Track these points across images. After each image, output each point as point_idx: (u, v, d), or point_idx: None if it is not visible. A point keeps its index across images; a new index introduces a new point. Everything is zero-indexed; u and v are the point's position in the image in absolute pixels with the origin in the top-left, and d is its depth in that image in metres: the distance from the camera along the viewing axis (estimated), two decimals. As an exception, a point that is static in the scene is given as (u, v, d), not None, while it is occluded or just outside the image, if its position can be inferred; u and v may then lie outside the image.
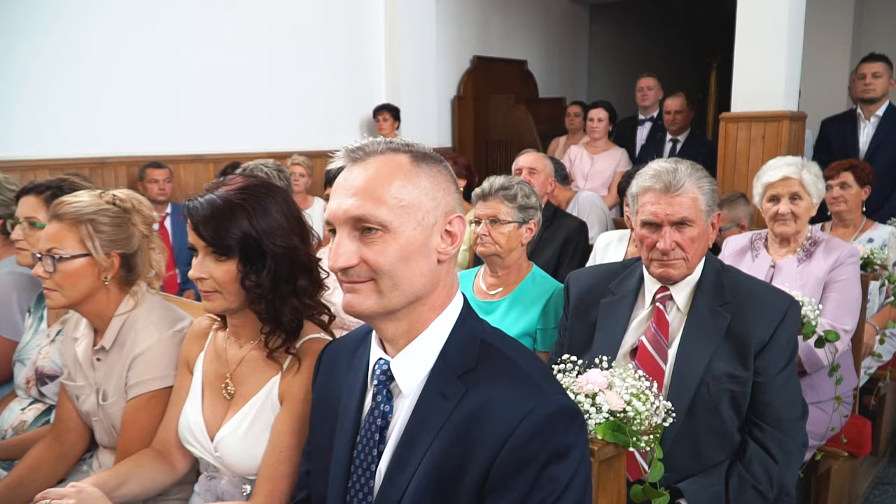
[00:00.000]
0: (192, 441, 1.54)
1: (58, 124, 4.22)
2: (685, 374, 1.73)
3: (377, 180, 1.06)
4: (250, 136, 5.12)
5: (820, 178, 2.56)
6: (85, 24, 4.27)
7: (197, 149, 4.85)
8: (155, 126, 4.64)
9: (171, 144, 4.70)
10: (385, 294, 1.06)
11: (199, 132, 4.87)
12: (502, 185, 2.28)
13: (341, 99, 5.80)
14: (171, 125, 4.72)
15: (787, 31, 4.00)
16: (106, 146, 4.44)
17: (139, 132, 4.57)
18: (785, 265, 2.56)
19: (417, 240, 1.06)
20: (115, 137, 4.46)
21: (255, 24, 5.15)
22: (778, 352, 1.71)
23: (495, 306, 2.26)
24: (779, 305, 1.74)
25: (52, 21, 4.14)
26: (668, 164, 1.77)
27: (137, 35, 4.50)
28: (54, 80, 4.17)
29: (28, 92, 4.08)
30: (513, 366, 1.07)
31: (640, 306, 1.88)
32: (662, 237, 1.74)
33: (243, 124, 5.10)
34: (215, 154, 4.92)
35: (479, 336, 1.12)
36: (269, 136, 5.24)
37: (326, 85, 5.65)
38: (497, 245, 2.24)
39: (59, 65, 4.19)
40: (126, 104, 4.47)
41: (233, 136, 5.04)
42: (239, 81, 5.07)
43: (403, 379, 1.11)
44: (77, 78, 4.26)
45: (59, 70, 4.19)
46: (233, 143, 5.02)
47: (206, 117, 4.89)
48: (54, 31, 4.15)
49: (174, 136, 4.73)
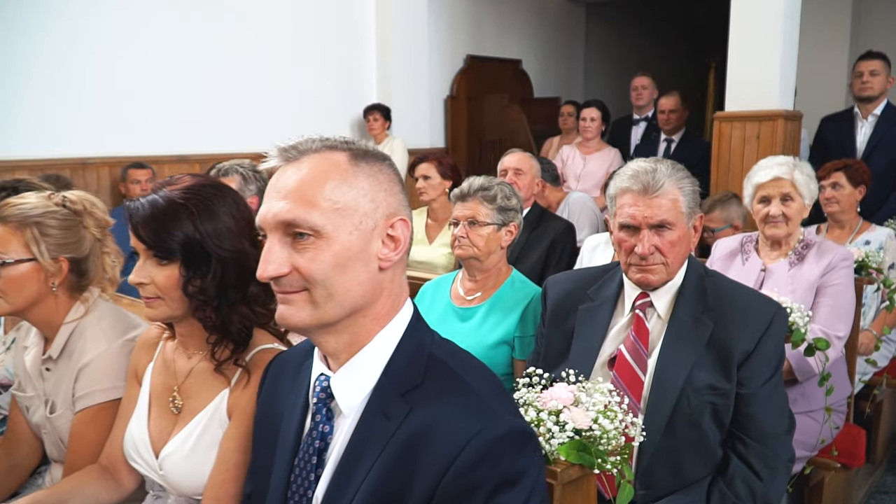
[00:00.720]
0: (137, 458, 1.45)
1: (38, 124, 4.14)
2: (665, 385, 1.63)
3: (309, 181, 0.97)
4: (236, 135, 5.02)
5: (812, 178, 2.46)
6: (66, 24, 4.19)
7: (182, 149, 4.77)
8: (138, 126, 4.56)
9: (155, 144, 4.62)
10: (320, 305, 0.97)
11: (184, 132, 4.78)
12: (481, 185, 2.19)
13: (331, 99, 5.72)
14: (155, 125, 4.64)
15: (783, 29, 3.91)
16: (88, 146, 4.36)
17: (122, 132, 4.49)
18: (776, 269, 2.46)
19: (354, 245, 0.97)
20: (96, 137, 4.38)
21: (242, 23, 5.07)
22: (763, 362, 1.62)
23: (472, 312, 2.17)
24: (764, 313, 1.64)
25: (30, 21, 4.06)
26: (647, 163, 1.68)
27: (119, 34, 4.42)
28: (34, 79, 4.10)
29: (6, 92, 4.00)
30: (461, 383, 0.98)
31: (620, 313, 1.79)
32: (641, 241, 1.65)
33: (229, 124, 5.02)
34: (201, 154, 4.83)
35: (427, 350, 1.03)
36: (256, 136, 5.12)
37: (316, 84, 5.57)
38: (475, 248, 2.15)
39: (40, 64, 4.11)
40: (108, 103, 4.39)
41: (218, 135, 4.95)
42: (225, 80, 4.98)
43: (344, 397, 1.02)
44: (58, 77, 4.19)
45: (40, 69, 4.11)
46: (219, 144, 4.93)
47: (190, 117, 4.80)
48: (34, 30, 4.07)
49: (158, 136, 4.64)
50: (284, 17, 5.34)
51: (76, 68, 4.25)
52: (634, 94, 5.45)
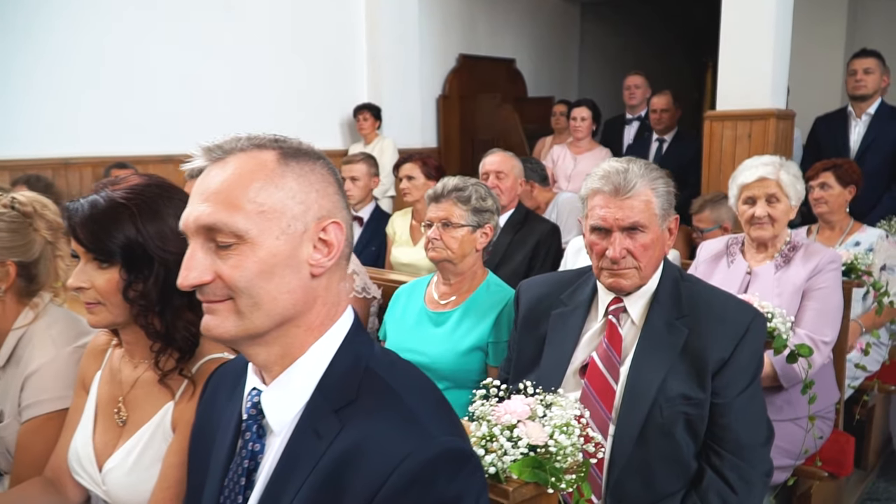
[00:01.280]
0: (81, 471, 1.38)
1: (18, 123, 4.08)
2: (637, 394, 1.57)
3: (233, 182, 0.91)
4: (223, 135, 4.94)
5: (799, 178, 2.40)
6: (47, 23, 4.13)
7: (166, 149, 4.69)
8: (122, 125, 4.49)
9: (140, 144, 4.55)
10: (245, 315, 0.91)
11: (169, 132, 4.70)
12: (456, 186, 2.12)
13: (321, 98, 5.65)
14: (140, 125, 4.57)
15: (774, 27, 3.84)
16: (70, 146, 4.30)
17: (105, 132, 4.42)
18: (762, 272, 2.39)
19: (282, 251, 0.90)
20: (79, 137, 4.32)
21: (228, 20, 5.00)
22: (739, 371, 1.55)
23: (446, 317, 2.10)
24: (740, 319, 1.58)
25: (10, 20, 4.00)
26: (619, 164, 1.61)
27: (102, 33, 4.36)
28: (14, 78, 4.03)
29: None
30: (396, 399, 0.92)
31: (593, 319, 1.73)
32: (612, 244, 1.59)
33: (216, 123, 4.92)
34: (186, 154, 4.73)
35: (364, 362, 0.97)
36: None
37: (304, 83, 5.50)
38: (449, 250, 2.08)
39: (20, 63, 4.05)
40: (91, 103, 4.33)
41: (204, 135, 4.83)
42: (211, 79, 4.91)
43: (274, 413, 0.95)
44: (40, 76, 4.12)
45: (20, 68, 4.05)
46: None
47: (176, 116, 4.72)
48: (13, 29, 4.01)
49: (142, 135, 4.57)
50: (272, 15, 5.27)
51: (59, 67, 4.19)
52: (627, 93, 5.39)
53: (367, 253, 3.74)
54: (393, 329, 2.18)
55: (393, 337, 2.16)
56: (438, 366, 2.03)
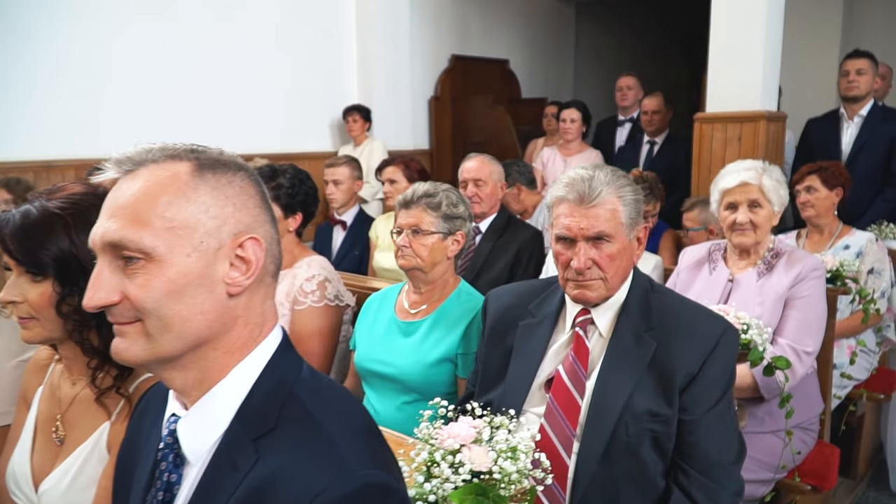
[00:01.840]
0: (17, 491, 1.33)
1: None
2: (602, 410, 1.51)
3: (142, 197, 0.85)
4: (208, 137, 4.85)
5: (782, 183, 2.33)
6: (25, 26, 4.07)
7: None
8: (104, 127, 4.42)
9: (123, 146, 4.47)
10: (154, 338, 0.85)
11: (154, 133, 4.64)
12: (426, 192, 2.06)
13: (310, 99, 5.59)
14: (123, 126, 4.51)
15: (765, 27, 3.77)
16: (52, 148, 4.24)
17: (87, 133, 4.36)
18: (744, 279, 2.33)
19: (193, 269, 0.85)
20: (61, 139, 4.26)
21: (216, 20, 4.94)
22: (708, 386, 1.49)
23: (416, 327, 2.05)
24: (710, 332, 1.52)
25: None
26: (585, 171, 1.55)
27: (84, 34, 4.30)
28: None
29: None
30: (315, 428, 0.86)
31: (561, 330, 1.67)
32: (577, 254, 1.53)
33: (201, 125, 4.88)
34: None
35: (288, 387, 0.91)
36: (230, 138, 5.01)
37: (293, 84, 5.43)
38: (418, 258, 2.03)
39: (2, 64, 4.00)
40: (73, 104, 4.27)
41: (190, 137, 4.77)
42: (197, 80, 4.84)
43: (189, 442, 0.89)
44: (19, 77, 4.06)
45: (1, 70, 4.00)
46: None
47: (160, 117, 4.67)
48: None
49: (126, 137, 4.50)
50: (260, 14, 5.21)
51: (39, 68, 4.13)
52: (619, 94, 5.34)
53: (350, 258, 3.69)
54: (362, 339, 2.13)
55: (362, 347, 2.11)
56: (406, 377, 1.97)
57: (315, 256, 2.44)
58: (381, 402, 2.03)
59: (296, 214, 2.43)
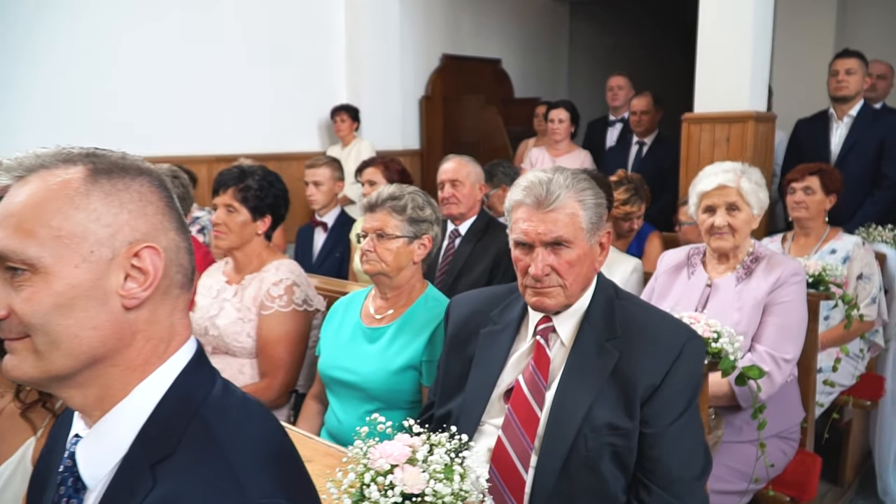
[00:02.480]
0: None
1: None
2: (561, 423, 1.45)
3: (27, 204, 0.79)
4: (193, 138, 4.85)
5: (762, 186, 2.27)
6: (4, 19, 4.02)
7: (132, 151, 4.56)
8: (80, 127, 4.34)
9: (103, 145, 4.42)
10: (44, 355, 0.79)
11: (136, 133, 4.59)
12: (391, 194, 2.00)
13: (298, 99, 5.53)
14: (99, 126, 4.44)
15: (754, 23, 3.70)
16: (24, 148, 4.17)
17: (62, 132, 4.24)
18: (722, 284, 2.27)
19: (83, 281, 0.79)
20: (34, 138, 4.18)
21: (201, 17, 4.89)
22: (670, 398, 1.43)
23: (381, 333, 1.99)
24: (673, 342, 1.45)
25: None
26: (544, 174, 1.49)
27: (60, 27, 4.24)
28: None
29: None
30: (215, 453, 0.80)
31: (523, 339, 1.61)
32: (534, 260, 1.47)
33: (185, 125, 4.83)
34: (153, 157, 4.62)
35: (195, 407, 0.85)
36: (214, 138, 4.97)
37: (281, 84, 5.38)
38: (383, 263, 1.97)
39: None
40: (47, 101, 4.20)
41: (173, 137, 4.77)
42: (182, 78, 4.78)
43: (87, 467, 0.84)
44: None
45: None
46: (173, 146, 4.75)
47: (143, 117, 4.62)
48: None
49: (104, 137, 4.44)
50: (247, 11, 5.15)
51: (11, 66, 4.08)
52: (610, 94, 5.27)
53: (330, 260, 3.63)
54: (327, 345, 2.07)
55: (326, 353, 2.05)
56: (369, 385, 1.91)
57: (284, 260, 2.39)
58: (344, 411, 1.97)
59: (264, 217, 2.37)
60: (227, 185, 2.33)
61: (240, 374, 2.31)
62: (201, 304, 2.41)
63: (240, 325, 2.29)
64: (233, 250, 2.38)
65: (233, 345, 2.29)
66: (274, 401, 2.25)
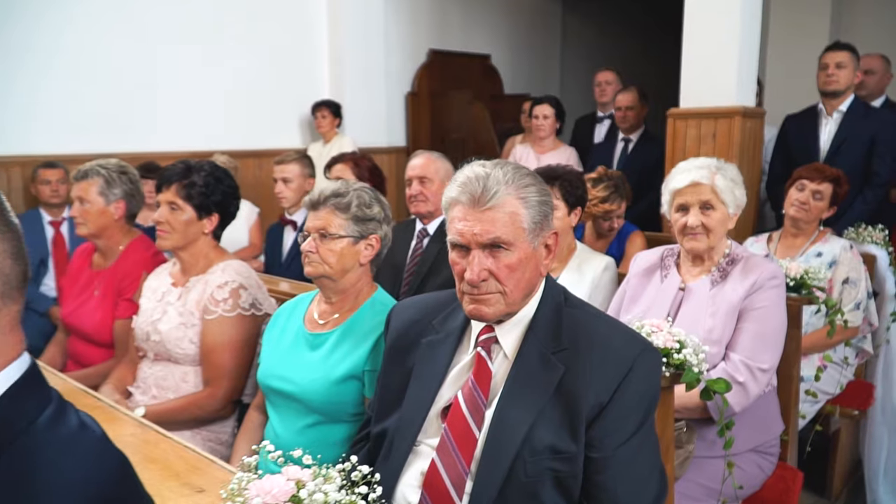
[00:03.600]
0: None
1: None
2: (499, 445, 1.31)
3: None
4: (167, 133, 4.72)
5: (738, 183, 2.13)
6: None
7: (102, 147, 4.43)
8: (52, 122, 4.24)
9: (74, 143, 4.30)
10: None
11: (108, 130, 4.47)
12: (335, 191, 1.86)
13: (278, 94, 5.40)
14: (73, 121, 4.33)
15: (741, 14, 3.55)
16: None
17: (33, 129, 4.18)
18: (696, 288, 2.13)
19: None
20: (6, 134, 4.07)
21: (174, 9, 4.75)
22: (620, 418, 1.29)
23: (323, 340, 1.85)
24: (624, 355, 1.31)
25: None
26: (482, 168, 1.35)
27: (30, 22, 4.11)
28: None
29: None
30: (26, 490, 0.67)
31: (465, 350, 1.47)
32: (470, 264, 1.33)
33: (159, 121, 4.70)
34: (126, 153, 4.47)
35: (10, 437, 0.71)
36: (190, 134, 4.84)
37: (260, 77, 5.24)
38: (325, 264, 1.83)
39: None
40: (16, 98, 4.08)
41: (147, 133, 4.64)
42: (155, 72, 4.66)
43: None
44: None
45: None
46: (146, 142, 4.62)
47: (115, 112, 4.49)
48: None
49: (77, 133, 4.33)
50: (225, 3, 5.01)
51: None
52: (598, 89, 5.13)
53: (299, 259, 3.47)
54: (267, 352, 1.93)
55: (266, 362, 1.91)
56: (308, 396, 1.77)
57: (232, 261, 2.25)
58: (283, 425, 1.83)
59: (211, 216, 2.24)
60: (170, 181, 2.20)
61: (183, 383, 2.17)
62: (145, 308, 2.27)
63: (182, 331, 2.15)
64: (178, 250, 2.24)
65: (175, 351, 2.15)
66: (217, 411, 2.12)
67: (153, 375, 2.21)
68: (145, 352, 2.25)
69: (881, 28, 5.38)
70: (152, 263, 2.48)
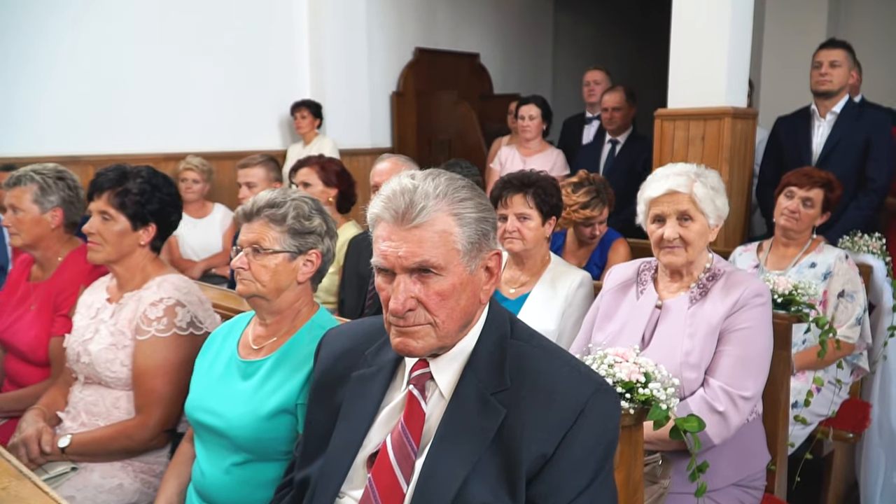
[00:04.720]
0: None
1: None
2: (429, 501, 1.13)
3: None
4: (142, 135, 4.56)
5: (720, 192, 1.94)
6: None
7: (71, 149, 4.26)
8: (16, 124, 4.07)
9: (43, 144, 4.13)
10: None
11: (73, 130, 4.30)
12: (270, 201, 1.68)
13: (258, 94, 5.21)
14: (46, 123, 4.16)
15: (732, 12, 3.37)
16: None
17: (19, 130, 4.02)
18: (674, 305, 1.95)
19: None
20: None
21: (151, 7, 4.57)
22: (569, 471, 1.11)
23: (256, 368, 1.66)
24: (571, 399, 1.13)
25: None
26: (409, 180, 1.16)
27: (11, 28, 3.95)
28: None
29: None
30: None
31: (397, 387, 1.29)
32: (395, 291, 1.14)
33: (134, 122, 4.53)
34: (96, 155, 4.32)
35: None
36: (166, 135, 4.67)
37: (239, 78, 5.06)
38: (258, 283, 1.64)
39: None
40: None
41: (120, 134, 4.47)
42: (129, 71, 4.49)
43: None
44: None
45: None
46: (119, 144, 4.45)
47: (89, 114, 4.33)
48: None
49: (39, 134, 4.15)
50: (205, 2, 4.84)
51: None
52: (586, 89, 4.94)
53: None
54: (197, 380, 1.75)
55: (194, 392, 1.72)
56: (236, 433, 1.59)
57: (170, 275, 2.07)
58: (209, 463, 1.64)
59: (147, 226, 2.05)
60: (101, 188, 2.01)
61: (114, 409, 1.99)
62: (77, 326, 2.09)
63: (113, 352, 1.97)
64: (111, 264, 2.06)
65: (105, 374, 1.97)
66: (147, 441, 1.93)
67: (83, 400, 2.03)
68: (77, 374, 2.07)
69: (881, 27, 5.20)
70: (91, 277, 2.30)
